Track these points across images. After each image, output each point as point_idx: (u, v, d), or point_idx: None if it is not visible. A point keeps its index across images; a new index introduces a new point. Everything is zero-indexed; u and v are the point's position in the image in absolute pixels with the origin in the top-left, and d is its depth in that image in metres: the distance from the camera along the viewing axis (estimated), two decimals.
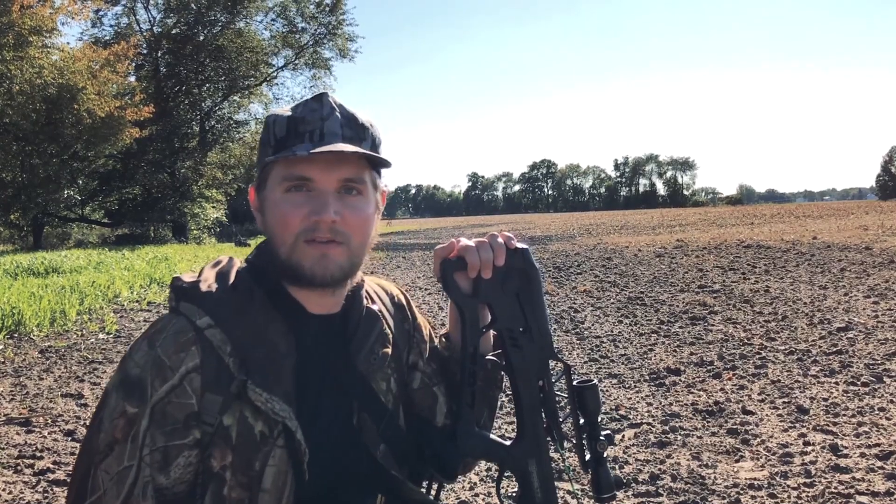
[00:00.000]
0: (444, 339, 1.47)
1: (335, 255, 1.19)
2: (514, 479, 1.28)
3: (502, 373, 1.37)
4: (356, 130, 1.22)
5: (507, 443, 1.29)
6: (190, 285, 1.21)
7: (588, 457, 1.28)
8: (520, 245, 1.31)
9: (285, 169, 1.19)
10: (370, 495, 1.27)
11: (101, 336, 8.05)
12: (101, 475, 1.12)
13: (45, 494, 3.66)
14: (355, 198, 1.22)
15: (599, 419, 1.29)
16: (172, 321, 1.17)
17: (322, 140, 1.18)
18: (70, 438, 4.47)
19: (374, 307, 1.35)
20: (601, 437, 1.27)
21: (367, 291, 1.37)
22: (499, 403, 1.47)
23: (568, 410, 1.30)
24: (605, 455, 1.28)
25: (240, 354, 1.16)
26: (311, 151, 1.15)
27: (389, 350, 1.34)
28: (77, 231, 36.35)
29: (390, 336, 1.35)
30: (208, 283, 1.22)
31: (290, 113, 1.22)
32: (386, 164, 1.25)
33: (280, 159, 1.18)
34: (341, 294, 1.28)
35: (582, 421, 1.28)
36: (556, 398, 1.30)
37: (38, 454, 4.18)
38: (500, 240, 1.29)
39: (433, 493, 1.38)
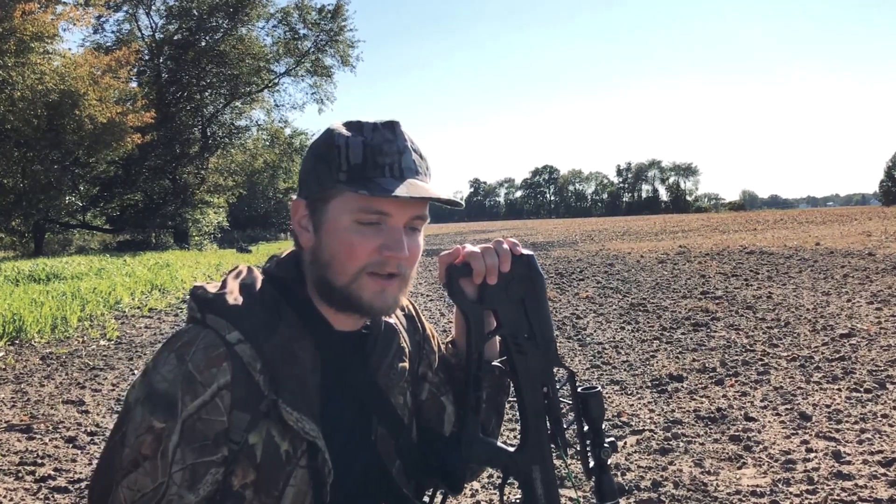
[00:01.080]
0: (450, 347, 1.46)
1: (393, 290, 1.19)
2: (516, 486, 1.27)
3: (508, 379, 1.37)
4: (422, 164, 1.22)
5: (511, 449, 1.28)
6: (215, 296, 1.17)
7: (591, 464, 1.28)
8: (525, 251, 1.30)
9: (363, 200, 1.15)
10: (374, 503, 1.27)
11: (102, 342, 8.04)
12: (124, 492, 1.09)
13: (47, 501, 3.64)
14: (416, 233, 1.22)
15: (603, 426, 1.29)
16: (201, 334, 1.14)
17: (401, 176, 1.16)
18: (71, 445, 4.46)
19: (391, 321, 1.35)
20: (605, 445, 1.26)
21: None
22: (504, 410, 1.47)
23: (571, 417, 1.30)
24: (608, 462, 1.27)
25: (269, 372, 1.13)
26: (411, 195, 1.13)
27: (407, 364, 1.34)
28: (78, 237, 36.36)
29: (407, 349, 1.35)
30: (234, 295, 1.18)
31: (360, 136, 1.18)
32: (459, 206, 1.25)
33: (365, 195, 1.14)
34: None
35: (586, 428, 1.28)
36: (560, 405, 1.29)
37: (40, 461, 4.17)
38: (505, 246, 1.28)
39: (436, 502, 1.37)
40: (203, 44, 34.37)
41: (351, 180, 1.15)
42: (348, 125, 1.20)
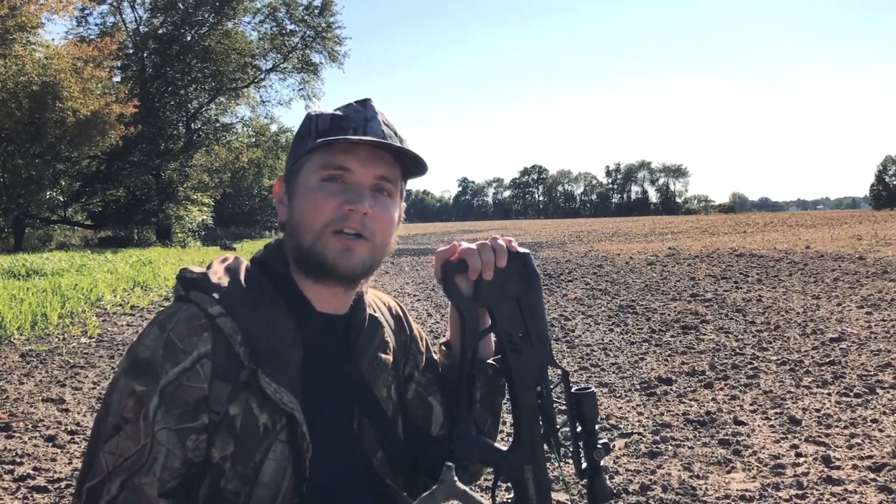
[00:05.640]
0: (443, 348, 1.46)
1: (359, 250, 1.21)
2: (505, 488, 1.25)
3: (503, 379, 1.37)
4: (395, 139, 1.26)
5: (504, 448, 1.27)
6: (200, 276, 1.21)
7: (584, 465, 1.27)
8: (521, 249, 1.31)
9: (325, 157, 1.21)
10: (365, 500, 1.26)
11: (83, 340, 7.94)
12: (105, 457, 1.10)
13: (26, 500, 3.57)
14: (385, 197, 1.25)
15: (596, 427, 1.28)
16: (183, 307, 1.17)
17: (364, 135, 1.21)
18: (51, 444, 4.39)
19: (376, 314, 1.37)
20: (598, 446, 1.26)
21: (368, 301, 1.39)
22: (501, 410, 1.48)
23: (565, 418, 1.29)
24: (601, 464, 1.27)
25: (250, 344, 1.16)
26: (362, 138, 1.18)
27: (390, 358, 1.35)
28: (59, 233, 36.04)
29: (391, 344, 1.37)
30: (218, 275, 1.22)
31: (334, 110, 1.25)
32: (422, 168, 1.29)
33: (321, 148, 1.20)
34: (350, 295, 1.30)
35: (579, 429, 1.27)
36: (553, 405, 1.29)
37: (18, 460, 4.09)
38: (501, 242, 1.30)
39: None
40: (188, 38, 34.15)
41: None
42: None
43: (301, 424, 1.16)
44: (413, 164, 1.29)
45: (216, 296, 1.17)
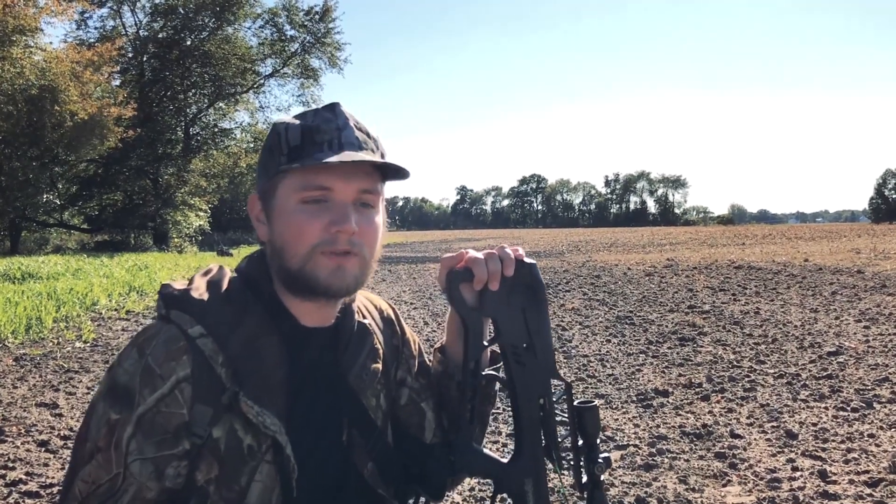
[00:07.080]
0: (437, 353, 1.44)
1: (350, 267, 1.18)
2: (508, 499, 1.25)
3: (497, 388, 1.37)
4: (368, 141, 1.21)
5: (504, 461, 1.26)
6: (181, 293, 1.18)
7: (585, 479, 1.25)
8: (528, 260, 1.28)
9: (304, 178, 1.16)
10: None
11: (77, 345, 7.91)
12: (79, 485, 1.09)
13: None
14: (369, 209, 1.21)
15: (598, 441, 1.27)
16: (163, 329, 1.14)
17: (341, 149, 1.16)
18: (44, 449, 4.37)
19: (366, 322, 1.34)
20: (599, 460, 1.24)
21: (357, 306, 1.36)
22: (489, 419, 1.46)
23: (566, 431, 1.28)
24: (601, 478, 1.25)
25: (232, 365, 1.13)
26: (343, 160, 1.12)
27: (380, 366, 1.33)
28: (55, 237, 35.89)
29: (381, 351, 1.34)
30: (200, 291, 1.19)
31: (301, 121, 1.19)
32: (402, 175, 1.25)
33: (297, 168, 1.15)
34: (336, 307, 1.27)
35: (580, 442, 1.26)
36: (555, 417, 1.28)
37: (11, 465, 4.08)
38: (508, 251, 1.27)
39: None
40: (188, 43, 34.08)
41: (290, 161, 1.16)
42: (295, 116, 1.22)
43: (285, 447, 1.14)
44: (392, 170, 1.26)
45: (197, 316, 1.15)
